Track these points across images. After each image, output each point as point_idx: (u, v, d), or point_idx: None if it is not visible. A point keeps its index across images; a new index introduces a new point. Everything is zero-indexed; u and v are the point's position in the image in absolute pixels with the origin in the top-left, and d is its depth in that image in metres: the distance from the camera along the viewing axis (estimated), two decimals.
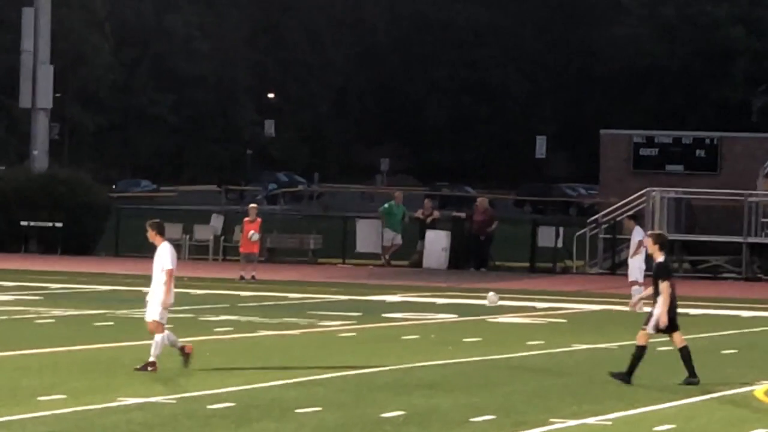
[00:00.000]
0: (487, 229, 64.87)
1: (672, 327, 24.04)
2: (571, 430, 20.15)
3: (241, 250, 55.30)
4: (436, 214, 69.31)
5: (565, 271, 64.08)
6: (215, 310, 41.67)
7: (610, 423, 21.25)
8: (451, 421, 20.97)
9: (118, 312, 40.43)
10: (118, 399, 21.43)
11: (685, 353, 24.39)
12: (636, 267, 44.16)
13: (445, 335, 37.18)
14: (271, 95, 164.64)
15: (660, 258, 24.01)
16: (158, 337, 24.80)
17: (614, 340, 34.25)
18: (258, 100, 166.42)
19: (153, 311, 24.79)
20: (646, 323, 24.71)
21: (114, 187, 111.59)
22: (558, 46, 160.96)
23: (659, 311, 23.70)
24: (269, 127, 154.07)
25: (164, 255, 24.58)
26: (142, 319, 28.73)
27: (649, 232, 30.68)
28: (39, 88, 72.72)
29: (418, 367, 29.26)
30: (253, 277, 51.85)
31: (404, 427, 19.75)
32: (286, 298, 46.82)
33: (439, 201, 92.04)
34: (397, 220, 66.35)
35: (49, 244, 68.41)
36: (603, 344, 34.21)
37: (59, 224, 68.86)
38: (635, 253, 44.06)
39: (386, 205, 69.27)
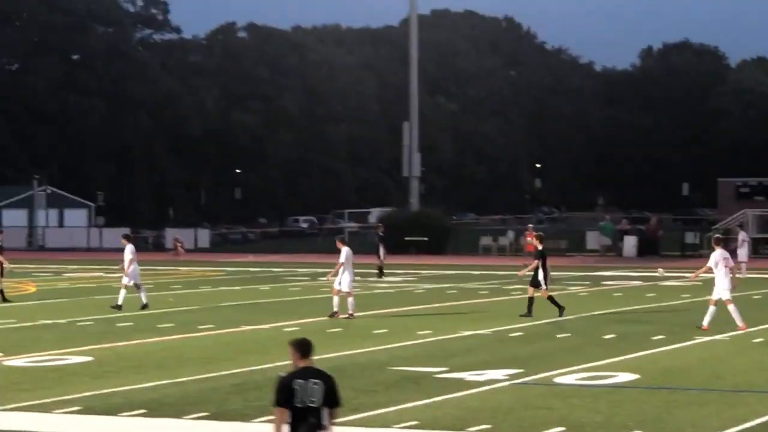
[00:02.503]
0: (656, 234, 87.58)
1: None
2: None
3: None
4: (660, 232, 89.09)
5: (702, 256, 74.13)
6: None
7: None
8: None
9: (467, 285, 55.63)
10: None
11: None
12: (744, 254, 64.90)
13: (633, 292, 53.74)
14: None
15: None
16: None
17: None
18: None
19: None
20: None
21: (453, 217, 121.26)
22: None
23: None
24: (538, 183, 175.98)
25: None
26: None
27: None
28: (413, 164, 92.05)
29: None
30: None
31: None
32: None
33: (630, 220, 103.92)
34: (606, 231, 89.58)
35: (420, 250, 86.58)
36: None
37: (425, 238, 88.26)
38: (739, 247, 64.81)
39: (602, 224, 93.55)
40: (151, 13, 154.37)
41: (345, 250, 41.80)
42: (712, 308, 36.11)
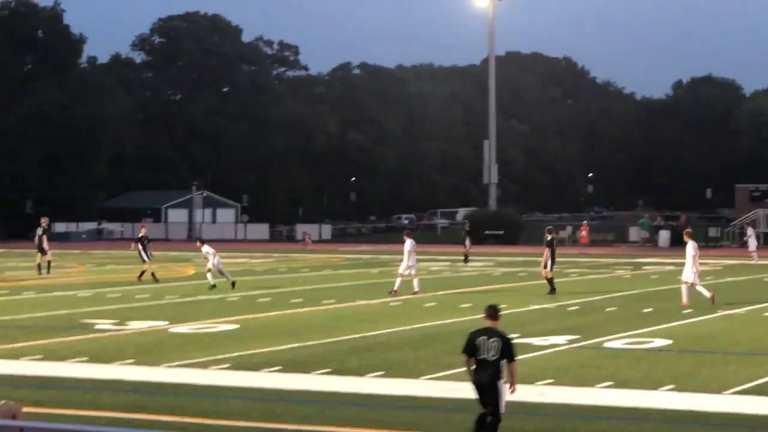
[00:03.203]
0: (686, 229, 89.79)
1: None
2: None
3: None
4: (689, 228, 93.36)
5: (722, 246, 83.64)
6: None
7: None
8: None
9: (535, 269, 52.63)
10: None
11: None
12: (753, 245, 65.95)
13: (667, 275, 54.37)
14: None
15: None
16: None
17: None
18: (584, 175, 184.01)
19: None
20: None
21: (524, 215, 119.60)
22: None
23: None
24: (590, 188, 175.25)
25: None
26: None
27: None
28: (492, 174, 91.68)
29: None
30: None
31: None
32: None
33: (663, 218, 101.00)
34: (645, 226, 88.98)
35: (497, 241, 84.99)
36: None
37: (501, 232, 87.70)
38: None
39: (641, 220, 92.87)
40: (285, 55, 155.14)
41: (409, 242, 42.06)
42: (684, 287, 36.07)
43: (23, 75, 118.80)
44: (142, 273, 47.31)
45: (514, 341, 15.43)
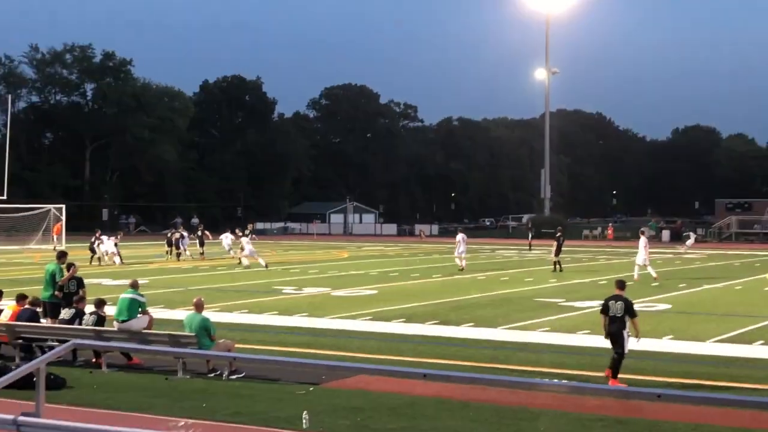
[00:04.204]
0: (680, 230, 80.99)
1: None
2: None
3: None
4: (682, 229, 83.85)
5: (705, 242, 78.79)
6: None
7: None
8: None
9: (577, 255, 62.09)
10: None
11: None
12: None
13: (668, 261, 49.42)
14: None
15: None
16: None
17: None
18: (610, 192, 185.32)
19: None
20: None
21: (568, 219, 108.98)
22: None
23: None
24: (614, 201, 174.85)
25: None
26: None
27: None
28: (546, 191, 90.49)
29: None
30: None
31: None
32: None
33: (665, 222, 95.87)
34: (652, 227, 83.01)
35: (552, 237, 68.42)
36: None
37: (552, 230, 74.53)
38: None
39: (650, 223, 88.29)
40: (408, 112, 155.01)
41: (460, 236, 41.82)
42: (636, 267, 35.40)
43: (236, 125, 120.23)
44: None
45: (634, 304, 15.61)
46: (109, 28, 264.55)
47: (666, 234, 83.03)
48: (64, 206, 62.01)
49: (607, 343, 18.29)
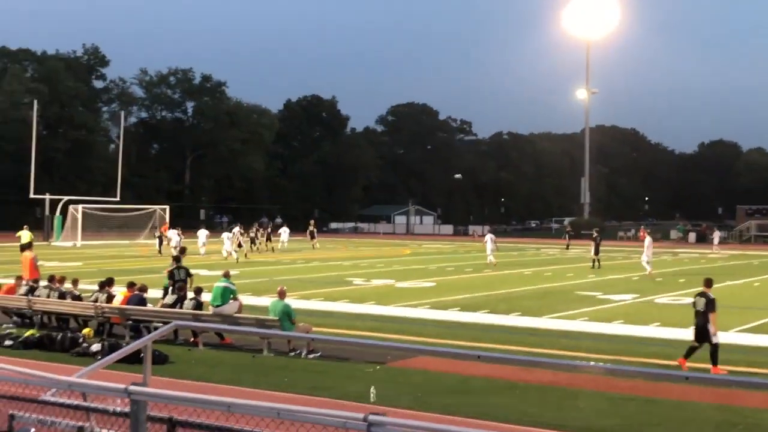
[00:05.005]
0: (705, 232, 78.55)
1: None
2: None
3: None
4: (708, 231, 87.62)
5: (728, 243, 75.87)
6: None
7: None
8: None
9: (612, 254, 62.61)
10: None
11: None
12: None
13: (694, 260, 51.36)
14: None
15: None
16: None
17: None
18: (643, 199, 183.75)
19: None
20: None
21: (605, 222, 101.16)
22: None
23: None
24: (646, 206, 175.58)
25: None
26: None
27: None
28: (586, 196, 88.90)
29: None
30: None
31: None
32: None
33: (692, 225, 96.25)
34: (680, 230, 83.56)
35: (590, 238, 65.55)
36: None
37: (590, 232, 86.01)
38: None
39: (678, 226, 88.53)
40: (463, 127, 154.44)
41: (488, 236, 41.63)
42: (649, 266, 34.76)
43: (314, 139, 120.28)
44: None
45: (715, 300, 15.18)
46: (207, 54, 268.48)
47: (692, 236, 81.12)
48: (168, 207, 63.08)
49: (639, 332, 17.97)
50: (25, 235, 40.64)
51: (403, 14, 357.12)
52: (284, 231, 52.99)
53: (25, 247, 37.40)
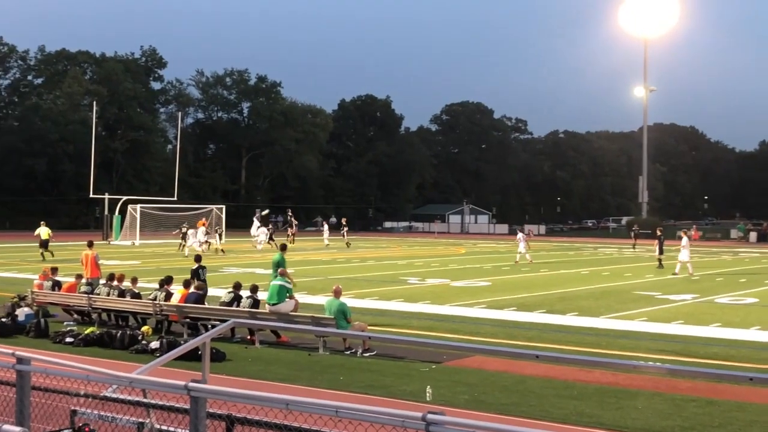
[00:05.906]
0: (767, 231, 79.33)
1: None
2: None
3: None
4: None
5: None
6: None
7: None
8: None
9: (670, 254, 62.22)
10: None
11: None
12: None
13: (755, 259, 52.37)
14: None
15: None
16: None
17: None
18: (701, 198, 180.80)
19: None
20: None
21: (663, 221, 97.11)
22: None
23: None
24: (705, 205, 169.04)
25: None
26: None
27: None
28: (644, 196, 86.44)
29: None
30: None
31: None
32: None
33: (753, 224, 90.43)
34: (741, 229, 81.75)
35: (650, 237, 67.44)
36: None
37: (649, 231, 71.48)
38: None
39: (738, 225, 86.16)
40: (518, 125, 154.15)
41: (520, 235, 41.77)
42: (679, 265, 34.46)
43: (368, 138, 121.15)
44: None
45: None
46: (262, 55, 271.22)
47: (753, 235, 79.56)
48: (224, 206, 63.85)
49: (699, 332, 17.69)
50: (43, 231, 41.64)
51: (458, 13, 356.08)
52: (325, 229, 53.86)
53: (44, 244, 40.52)
